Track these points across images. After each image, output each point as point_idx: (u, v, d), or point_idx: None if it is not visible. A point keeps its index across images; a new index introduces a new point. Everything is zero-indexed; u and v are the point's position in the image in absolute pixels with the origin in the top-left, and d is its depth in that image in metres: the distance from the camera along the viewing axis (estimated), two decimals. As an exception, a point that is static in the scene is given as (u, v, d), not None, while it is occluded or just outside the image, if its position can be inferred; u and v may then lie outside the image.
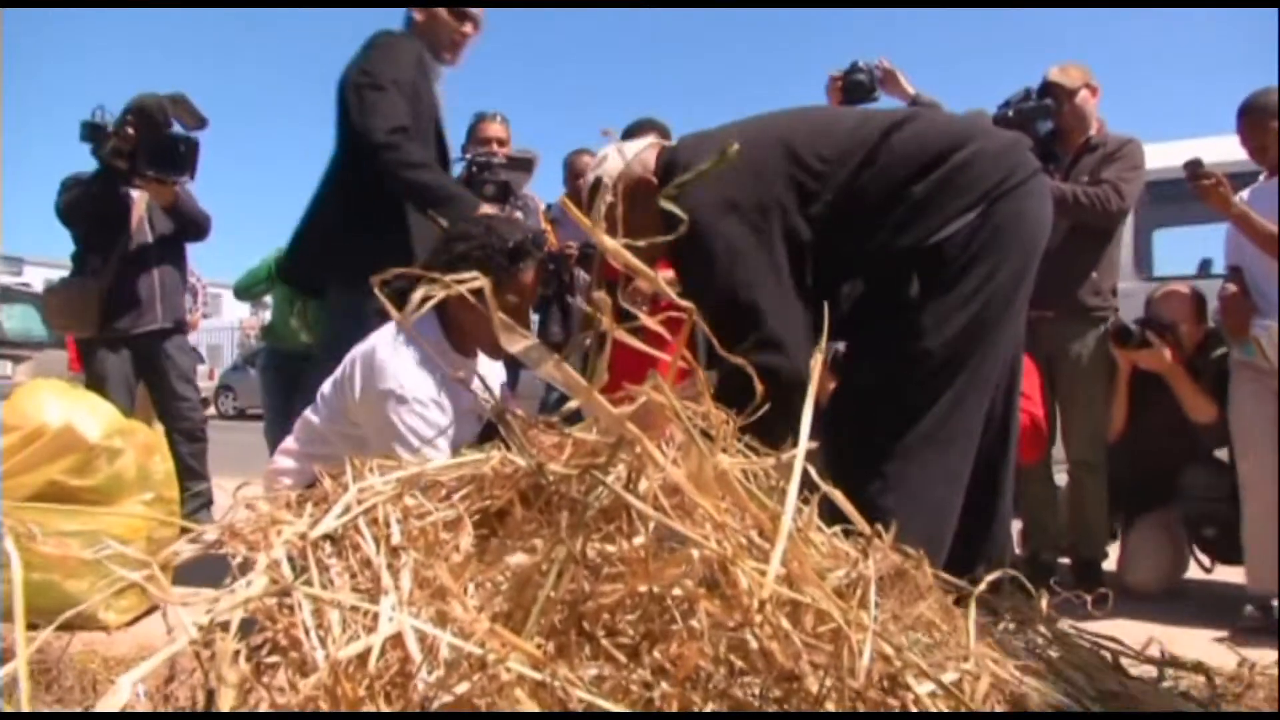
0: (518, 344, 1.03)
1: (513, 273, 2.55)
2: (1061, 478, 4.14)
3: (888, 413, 2.15)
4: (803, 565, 1.05)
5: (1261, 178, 3.57)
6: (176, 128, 4.35)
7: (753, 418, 1.21)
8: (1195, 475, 3.86)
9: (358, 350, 2.60)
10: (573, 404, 1.09)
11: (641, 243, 1.16)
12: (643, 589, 1.04)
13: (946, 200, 2.11)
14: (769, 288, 2.14)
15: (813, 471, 1.14)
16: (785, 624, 0.99)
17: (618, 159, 2.34)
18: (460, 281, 1.01)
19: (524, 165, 4.23)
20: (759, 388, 1.25)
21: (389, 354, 2.51)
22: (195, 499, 4.34)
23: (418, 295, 1.04)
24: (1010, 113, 3.82)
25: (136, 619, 3.15)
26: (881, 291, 2.16)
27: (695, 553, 1.01)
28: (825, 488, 1.16)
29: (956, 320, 2.11)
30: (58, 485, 3.08)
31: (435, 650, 1.01)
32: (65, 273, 4.78)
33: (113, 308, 4.40)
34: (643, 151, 2.36)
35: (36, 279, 15.34)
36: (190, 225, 4.65)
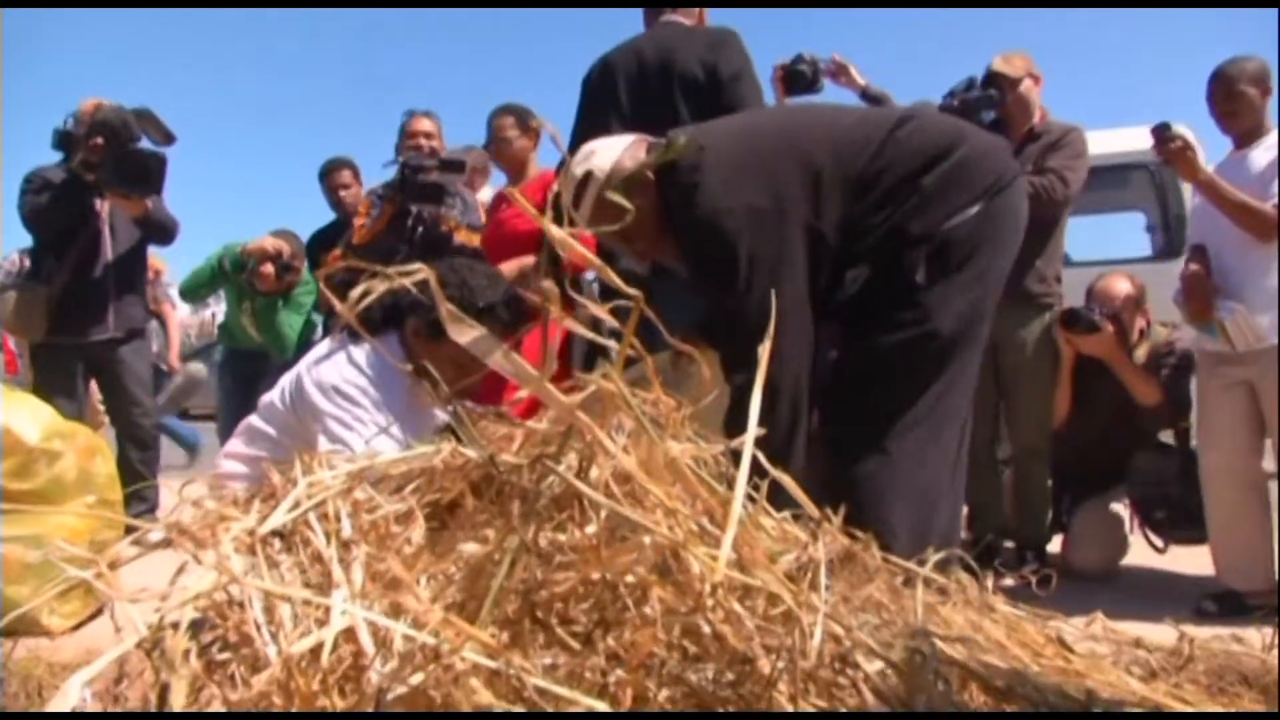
0: (466, 334, 1.03)
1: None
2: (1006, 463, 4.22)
3: (890, 389, 2.22)
4: (754, 549, 1.06)
5: (1229, 150, 3.55)
6: (144, 143, 4.31)
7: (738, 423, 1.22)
8: (1143, 460, 3.92)
9: (319, 371, 2.57)
10: (522, 393, 1.09)
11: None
12: (595, 576, 1.05)
13: (953, 192, 2.19)
14: (785, 300, 2.15)
15: (761, 457, 1.15)
16: (737, 608, 1.00)
17: (606, 154, 2.32)
18: (405, 274, 1.01)
19: (456, 167, 4.25)
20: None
21: (357, 381, 2.50)
22: (141, 504, 4.28)
23: (356, 291, 1.04)
24: (955, 103, 3.85)
25: (81, 623, 3.10)
26: (888, 274, 2.21)
27: (647, 539, 1.01)
28: (774, 473, 1.17)
29: (958, 304, 2.20)
30: (-3, 489, 3.02)
31: (389, 642, 1.01)
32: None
33: (64, 314, 4.35)
34: (631, 147, 2.35)
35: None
36: (158, 232, 4.61)
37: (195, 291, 5.29)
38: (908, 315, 2.20)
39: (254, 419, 2.80)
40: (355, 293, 1.04)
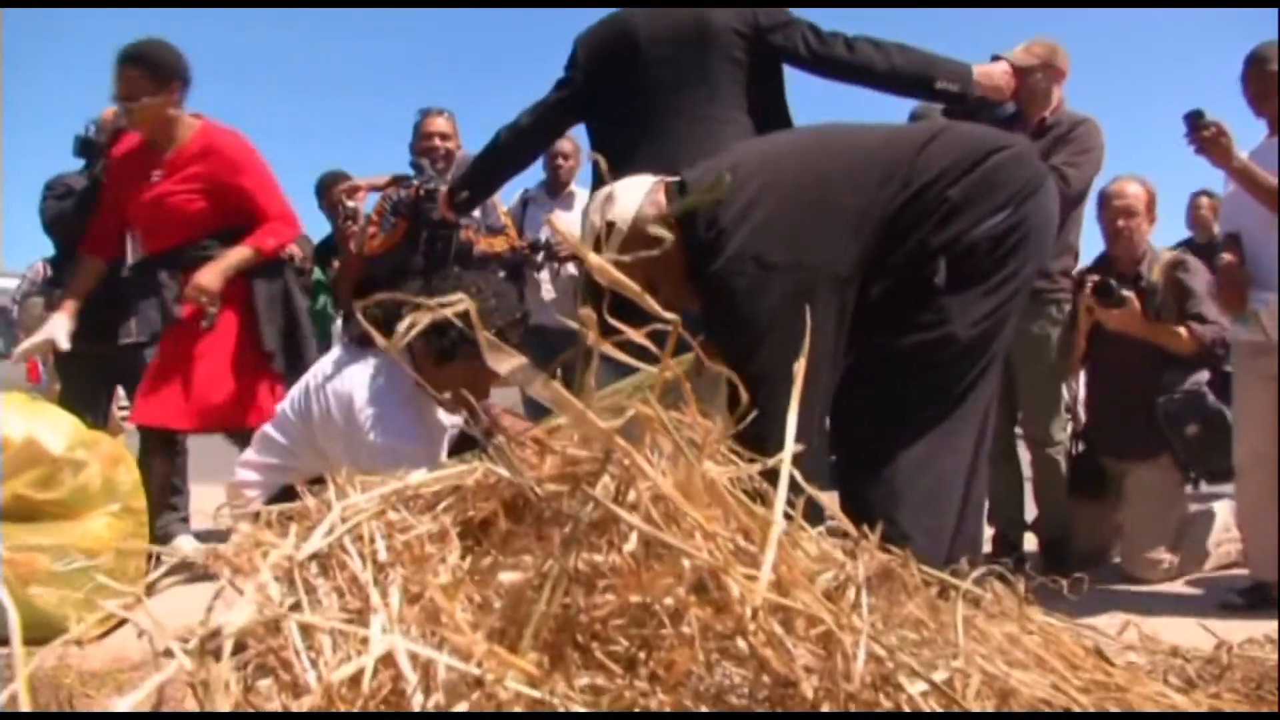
0: (505, 364, 1.03)
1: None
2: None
3: (903, 391, 2.20)
4: (792, 570, 1.05)
5: (1262, 137, 3.51)
6: None
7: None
8: (1173, 375, 3.79)
9: (332, 388, 2.59)
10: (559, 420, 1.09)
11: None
12: (635, 599, 1.04)
13: (980, 201, 2.16)
14: (787, 362, 2.10)
15: (799, 476, 1.14)
16: (779, 630, 1.00)
17: (627, 201, 2.27)
18: (446, 305, 1.01)
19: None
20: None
21: (371, 398, 2.53)
22: (171, 513, 4.29)
23: (403, 325, 1.04)
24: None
25: (108, 631, 3.12)
26: (909, 280, 2.19)
27: (687, 563, 1.01)
28: (811, 491, 1.17)
29: (980, 309, 2.17)
30: (22, 499, 3.05)
31: (429, 667, 1.01)
32: (13, 281, 4.72)
33: (87, 322, 4.33)
34: (651, 191, 2.29)
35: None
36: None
37: None
38: (926, 318, 2.17)
39: (268, 427, 2.85)
40: (401, 326, 1.05)
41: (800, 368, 1.16)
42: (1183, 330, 3.70)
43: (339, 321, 5.17)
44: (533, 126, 3.40)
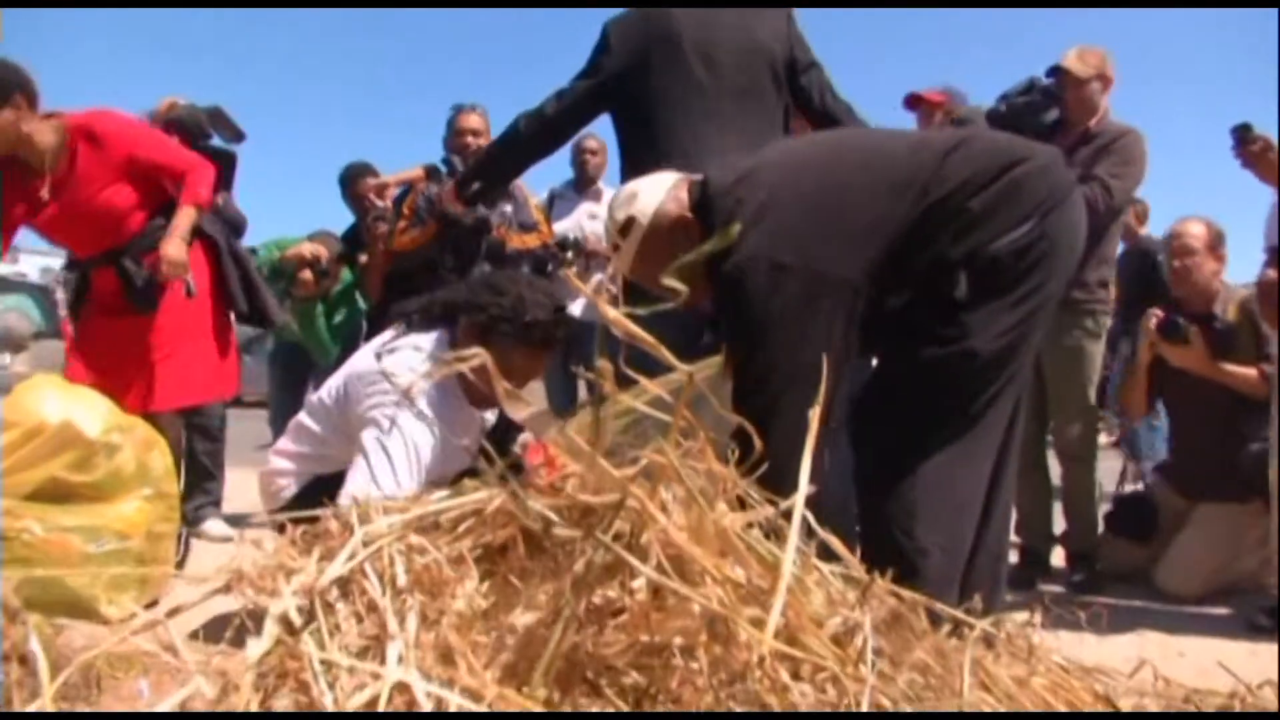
0: (522, 411, 1.05)
1: (526, 344, 2.53)
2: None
3: (923, 405, 2.19)
4: (800, 615, 1.07)
5: None
6: (215, 140, 4.34)
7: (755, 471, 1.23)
8: (1255, 422, 3.62)
9: (377, 369, 2.60)
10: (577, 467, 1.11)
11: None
12: (645, 639, 1.06)
13: (1003, 211, 2.13)
14: (798, 360, 2.09)
15: (810, 518, 1.15)
16: (785, 677, 1.02)
17: (650, 197, 2.28)
18: (462, 359, 1.03)
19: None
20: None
21: (389, 363, 2.54)
22: (204, 496, 4.35)
23: (419, 374, 1.06)
24: (1003, 108, 3.75)
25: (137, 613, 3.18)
26: (930, 293, 2.16)
27: (696, 608, 1.03)
28: (823, 534, 1.18)
29: (1002, 323, 2.14)
30: (58, 481, 3.10)
31: (443, 702, 1.03)
32: (56, 260, 4.76)
33: None
34: (674, 188, 2.31)
35: (32, 268, 14.95)
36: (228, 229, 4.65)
37: None
38: (948, 332, 2.15)
39: (302, 416, 2.89)
40: (414, 381, 1.07)
41: (815, 415, 1.16)
42: (1253, 370, 3.64)
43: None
44: (559, 115, 3.31)
